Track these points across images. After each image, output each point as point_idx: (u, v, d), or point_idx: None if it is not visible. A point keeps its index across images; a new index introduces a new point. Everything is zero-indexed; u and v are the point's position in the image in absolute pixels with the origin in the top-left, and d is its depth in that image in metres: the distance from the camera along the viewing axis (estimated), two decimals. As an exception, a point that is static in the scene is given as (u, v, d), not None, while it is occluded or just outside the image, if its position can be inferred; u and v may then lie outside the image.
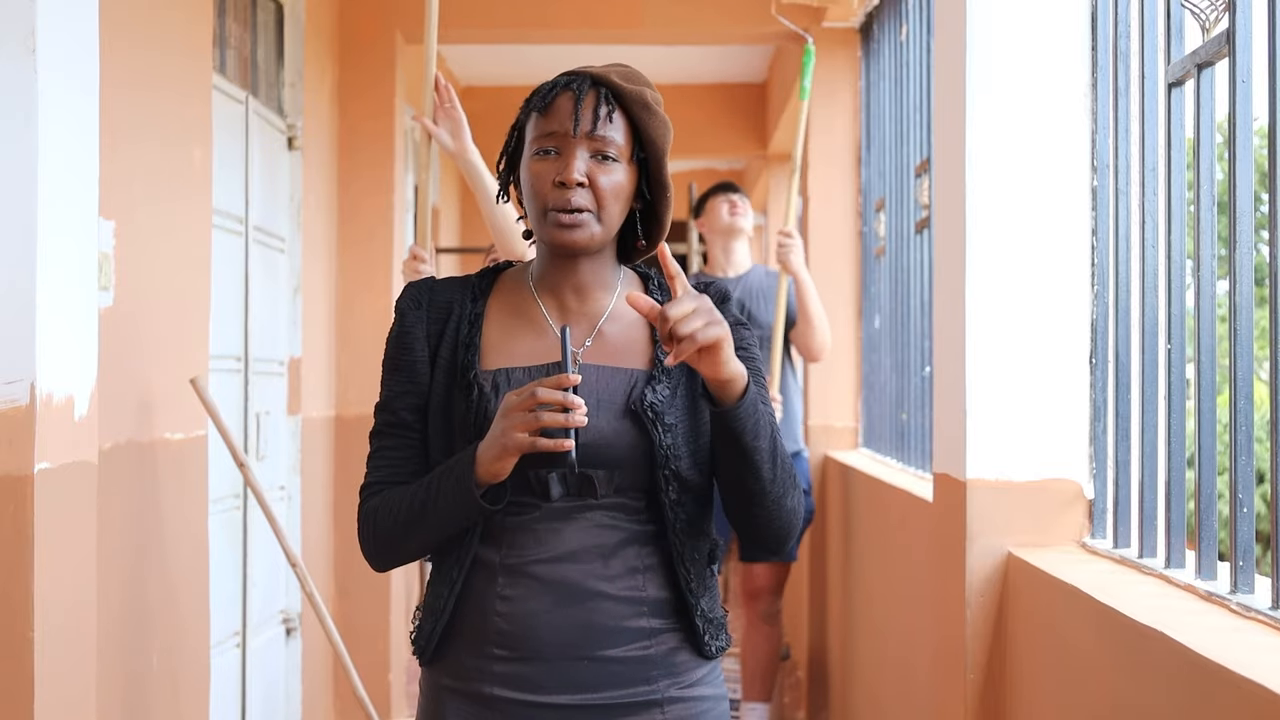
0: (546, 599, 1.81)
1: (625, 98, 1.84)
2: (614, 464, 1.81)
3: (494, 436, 1.73)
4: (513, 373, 1.84)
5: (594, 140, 1.82)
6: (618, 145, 1.83)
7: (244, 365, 4.51)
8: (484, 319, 1.90)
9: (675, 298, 1.69)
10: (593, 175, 1.82)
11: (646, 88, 1.87)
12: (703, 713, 1.87)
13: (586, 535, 1.82)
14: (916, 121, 4.33)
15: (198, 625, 3.83)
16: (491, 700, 1.83)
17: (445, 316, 1.89)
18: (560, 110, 1.83)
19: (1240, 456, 2.00)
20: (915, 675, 3.51)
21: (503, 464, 1.74)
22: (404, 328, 1.90)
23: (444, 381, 1.87)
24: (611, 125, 1.83)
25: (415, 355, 1.88)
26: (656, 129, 1.86)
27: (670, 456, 1.81)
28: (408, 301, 1.91)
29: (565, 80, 1.85)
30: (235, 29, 4.58)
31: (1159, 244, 2.38)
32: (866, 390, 5.41)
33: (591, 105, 1.82)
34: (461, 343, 1.87)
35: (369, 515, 1.87)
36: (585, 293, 1.89)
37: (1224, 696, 1.65)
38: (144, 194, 3.45)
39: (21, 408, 2.30)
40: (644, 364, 1.86)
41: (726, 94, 8.44)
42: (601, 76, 1.85)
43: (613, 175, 1.83)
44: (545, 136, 1.83)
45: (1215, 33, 2.13)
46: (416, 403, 1.88)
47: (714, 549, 1.91)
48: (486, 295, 1.92)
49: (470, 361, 1.85)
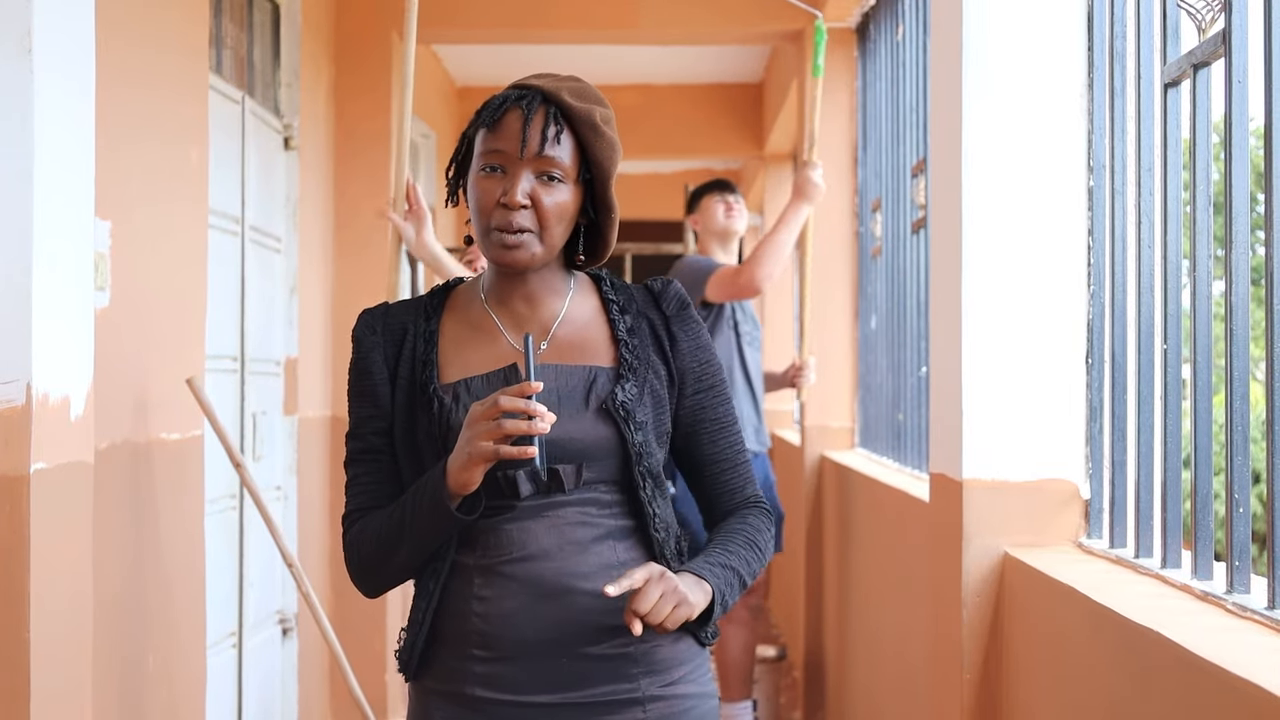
0: (522, 597, 1.83)
1: (574, 117, 1.85)
2: (579, 458, 1.83)
3: (460, 448, 1.76)
4: (471, 382, 1.87)
5: (539, 161, 1.83)
6: (563, 166, 1.84)
7: (240, 365, 4.51)
8: (439, 335, 1.92)
9: (640, 590, 1.72)
10: (536, 196, 1.83)
11: (597, 106, 1.87)
12: (685, 710, 1.88)
13: (559, 532, 1.84)
14: (913, 122, 4.33)
15: (194, 625, 3.83)
16: (474, 701, 1.85)
17: (401, 338, 1.92)
18: (508, 129, 1.83)
19: (1236, 457, 2.01)
20: (911, 675, 3.51)
21: (471, 474, 1.76)
22: (360, 353, 1.93)
23: (405, 401, 1.89)
24: (559, 146, 1.84)
25: (375, 380, 1.91)
26: (603, 151, 1.87)
27: (643, 453, 1.84)
28: (363, 329, 1.94)
29: (516, 95, 1.85)
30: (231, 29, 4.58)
31: (1155, 244, 2.38)
32: (863, 390, 5.42)
33: (539, 126, 1.83)
34: (419, 360, 1.90)
35: (352, 544, 1.90)
36: (536, 300, 1.92)
37: (1220, 696, 1.65)
38: (140, 194, 3.45)
39: (17, 408, 2.30)
40: (603, 361, 1.89)
41: (723, 94, 8.44)
42: (552, 94, 1.84)
43: (556, 196, 1.84)
44: (492, 153, 1.84)
45: (1211, 33, 2.13)
46: (383, 425, 1.91)
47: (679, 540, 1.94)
48: (440, 312, 1.95)
49: (429, 377, 1.88)
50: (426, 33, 6.08)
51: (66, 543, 2.45)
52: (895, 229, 4.66)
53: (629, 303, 1.94)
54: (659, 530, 1.87)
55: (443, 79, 7.86)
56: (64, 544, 2.44)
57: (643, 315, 1.93)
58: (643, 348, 1.90)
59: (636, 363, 1.87)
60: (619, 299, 1.94)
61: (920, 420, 4.07)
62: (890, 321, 4.73)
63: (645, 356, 1.89)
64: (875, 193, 5.11)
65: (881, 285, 4.95)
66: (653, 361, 1.90)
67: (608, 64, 7.62)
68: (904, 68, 4.48)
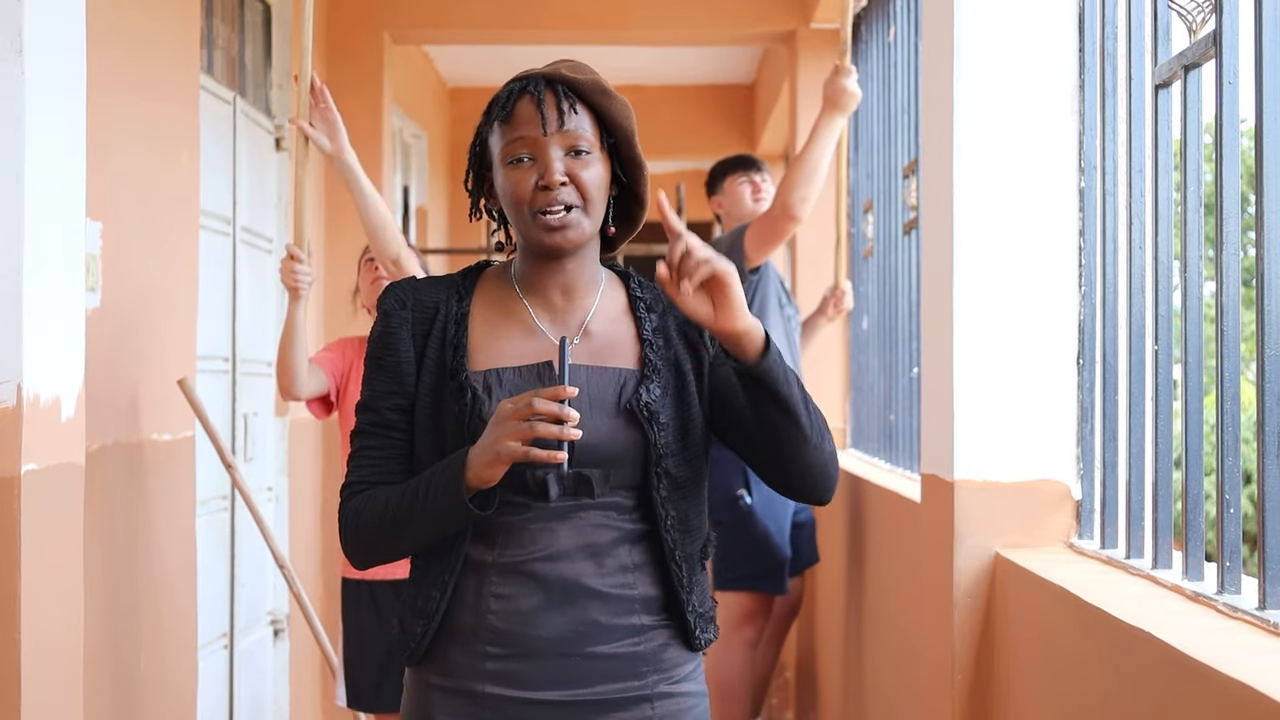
0: (540, 597, 1.82)
1: (582, 88, 1.85)
2: (608, 463, 1.82)
3: (487, 443, 1.74)
4: (503, 373, 1.84)
5: (566, 136, 1.83)
6: (587, 137, 1.84)
7: (231, 366, 4.50)
8: (469, 318, 1.89)
9: (682, 245, 1.68)
10: (573, 172, 1.82)
11: (596, 75, 1.88)
12: (690, 708, 1.89)
13: (580, 534, 1.83)
14: (904, 122, 4.33)
15: (185, 627, 3.82)
16: (483, 697, 1.84)
17: (431, 316, 1.89)
18: (525, 114, 1.83)
19: (1227, 457, 2.01)
20: (903, 675, 3.51)
21: (494, 470, 1.74)
22: (388, 327, 1.89)
23: (431, 382, 1.86)
24: (578, 117, 1.84)
25: (400, 355, 1.88)
26: (619, 111, 1.88)
27: (663, 454, 1.83)
28: (392, 301, 1.90)
29: (520, 85, 1.85)
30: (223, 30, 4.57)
31: (1146, 245, 2.39)
32: (854, 391, 5.42)
33: (553, 103, 1.83)
34: (449, 343, 1.86)
35: (352, 514, 1.87)
36: (572, 292, 1.90)
37: (1210, 696, 1.65)
38: (131, 195, 3.45)
39: (8, 409, 2.30)
40: (631, 363, 1.87)
41: (714, 95, 8.45)
42: (553, 75, 1.85)
43: (591, 168, 1.84)
44: (516, 143, 1.83)
45: (1202, 34, 2.13)
46: (401, 403, 1.88)
47: (706, 544, 1.92)
48: (471, 293, 1.92)
49: (460, 363, 1.85)
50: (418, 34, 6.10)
51: (57, 544, 2.45)
52: (887, 230, 4.66)
53: (655, 300, 1.93)
54: (670, 532, 1.85)
55: (434, 80, 7.86)
56: (55, 545, 2.43)
57: (669, 312, 1.92)
58: (666, 347, 1.89)
59: (660, 364, 1.86)
60: (646, 296, 1.93)
61: (912, 421, 4.07)
62: (882, 322, 4.73)
63: (669, 357, 1.88)
64: (867, 193, 5.11)
65: (873, 286, 4.95)
66: (678, 359, 1.88)
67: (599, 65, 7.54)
68: (895, 68, 4.48)
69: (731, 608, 4.46)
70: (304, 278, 3.39)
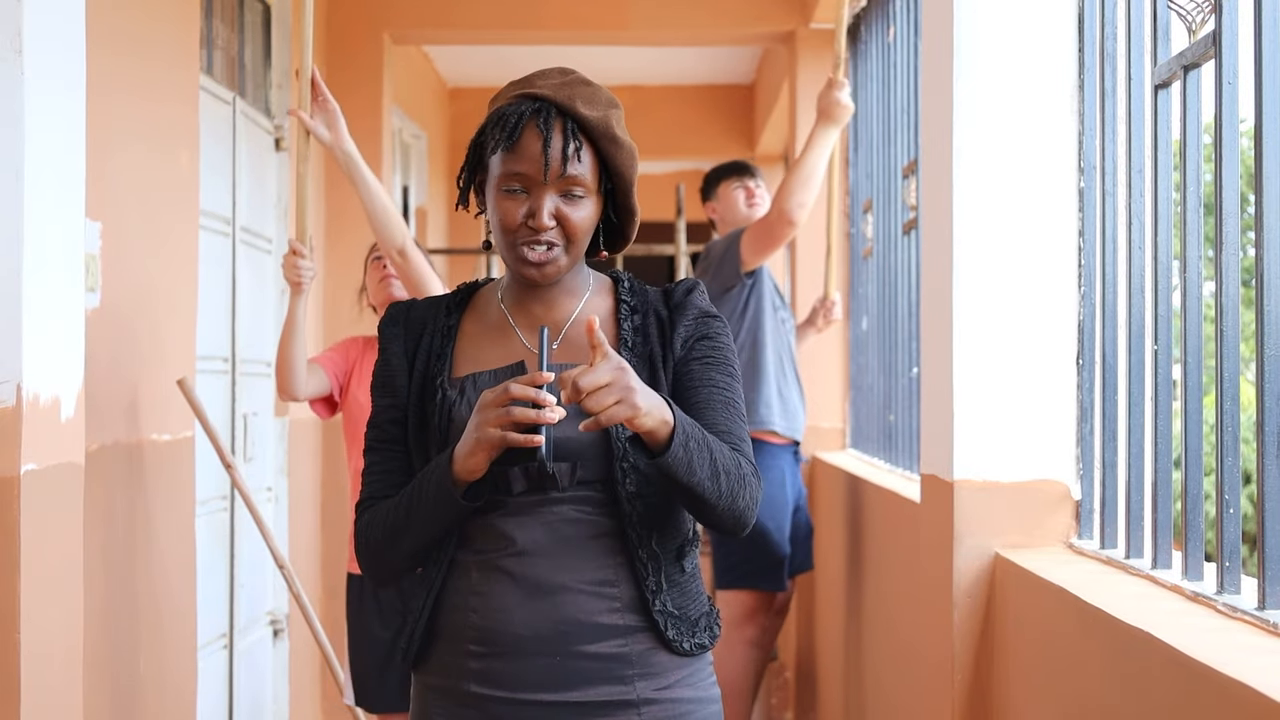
0: (517, 593, 1.83)
1: (593, 130, 1.84)
2: (575, 457, 1.83)
3: (468, 433, 1.77)
4: (479, 376, 1.89)
5: (562, 181, 1.83)
6: (585, 183, 1.84)
7: (231, 366, 4.50)
8: (457, 331, 1.95)
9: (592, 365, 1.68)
10: (562, 213, 1.84)
11: (611, 109, 1.86)
12: (683, 715, 1.87)
13: (552, 529, 1.84)
14: (904, 123, 4.33)
15: (185, 627, 3.82)
16: (470, 697, 1.85)
17: (420, 332, 1.95)
18: (528, 151, 1.81)
19: (1227, 457, 2.01)
20: (903, 675, 3.51)
21: (477, 459, 1.76)
22: (385, 346, 1.96)
23: (417, 392, 1.91)
24: (580, 164, 1.83)
25: (394, 370, 1.94)
26: (623, 160, 1.87)
27: (628, 450, 1.83)
28: (387, 321, 1.97)
29: (530, 110, 1.82)
30: (222, 30, 4.57)
31: (1146, 245, 2.39)
32: (854, 391, 5.42)
33: (559, 146, 1.81)
34: (434, 354, 1.92)
35: (363, 530, 1.91)
36: (553, 304, 1.94)
37: (1210, 697, 1.65)
38: (131, 195, 3.45)
39: (8, 409, 2.30)
40: None
41: (714, 95, 8.45)
42: (567, 106, 1.82)
43: (580, 211, 1.85)
44: (513, 176, 1.83)
45: (1201, 34, 2.13)
46: (399, 416, 1.93)
47: (685, 543, 1.91)
48: (461, 309, 1.97)
49: (439, 369, 1.90)
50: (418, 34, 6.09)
51: (57, 544, 2.45)
52: (886, 230, 4.66)
53: (641, 304, 1.94)
54: (634, 528, 1.85)
55: (434, 80, 7.85)
56: (54, 545, 2.43)
57: (653, 314, 1.93)
58: (643, 346, 1.90)
59: (634, 361, 1.87)
60: (632, 300, 1.95)
61: (911, 421, 4.07)
62: (881, 322, 4.73)
63: (644, 354, 1.89)
64: (866, 194, 5.11)
65: (873, 286, 4.95)
66: (653, 357, 1.89)
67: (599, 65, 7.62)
68: (895, 68, 4.48)
69: (732, 607, 4.49)
70: (306, 272, 3.42)
